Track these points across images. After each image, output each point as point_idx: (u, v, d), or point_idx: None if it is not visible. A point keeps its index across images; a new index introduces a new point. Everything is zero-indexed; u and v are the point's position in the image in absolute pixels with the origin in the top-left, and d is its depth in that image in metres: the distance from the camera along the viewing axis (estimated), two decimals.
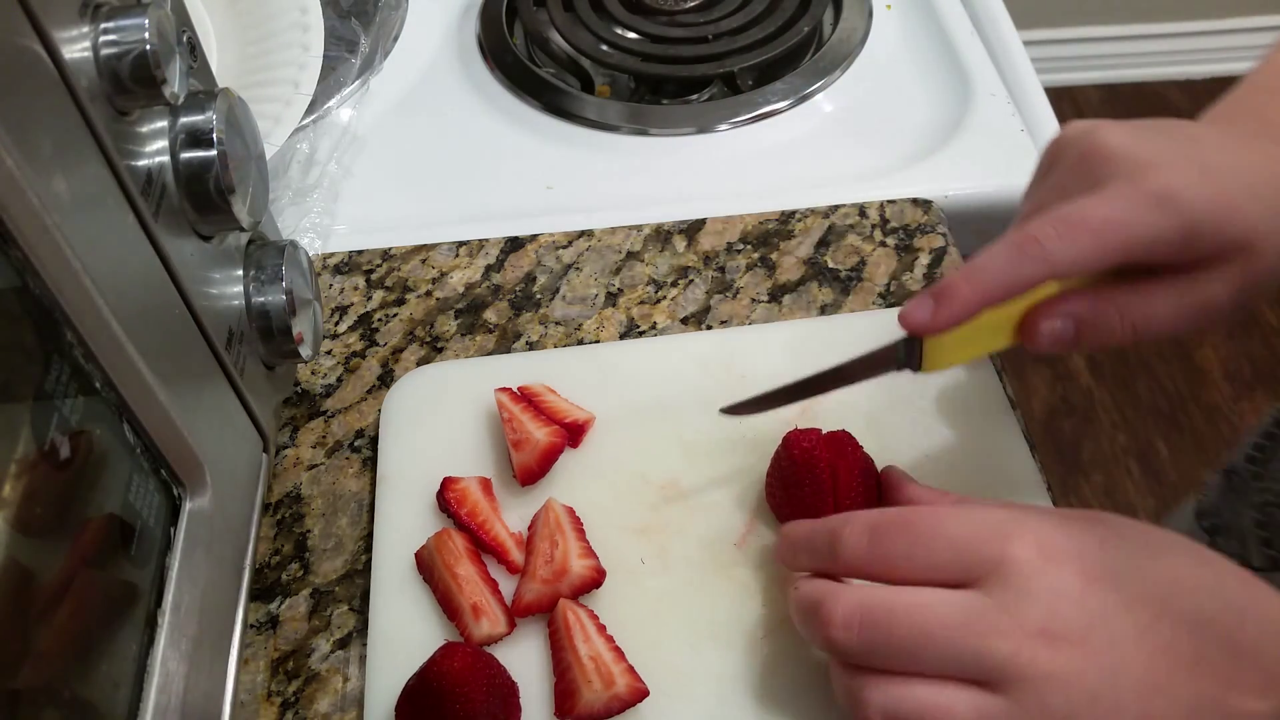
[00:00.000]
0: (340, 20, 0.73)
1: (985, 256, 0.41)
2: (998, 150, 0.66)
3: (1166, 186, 0.39)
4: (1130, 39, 2.13)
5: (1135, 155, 0.40)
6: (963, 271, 0.41)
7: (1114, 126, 0.42)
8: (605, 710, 0.42)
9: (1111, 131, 0.42)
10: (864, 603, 0.37)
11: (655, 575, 0.47)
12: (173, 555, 0.38)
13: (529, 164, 0.68)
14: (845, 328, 0.55)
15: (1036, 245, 0.39)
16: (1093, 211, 0.39)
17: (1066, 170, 0.43)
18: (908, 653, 0.36)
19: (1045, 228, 0.40)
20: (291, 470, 0.53)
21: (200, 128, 0.39)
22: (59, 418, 0.32)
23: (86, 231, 0.33)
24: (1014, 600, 0.36)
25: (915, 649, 0.36)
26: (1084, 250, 0.39)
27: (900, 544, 0.38)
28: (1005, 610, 0.36)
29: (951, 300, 0.40)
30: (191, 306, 0.40)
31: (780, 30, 0.74)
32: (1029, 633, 0.35)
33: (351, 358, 0.58)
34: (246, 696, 0.46)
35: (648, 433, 0.51)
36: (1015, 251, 0.40)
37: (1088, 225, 0.39)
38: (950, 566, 0.37)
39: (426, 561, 0.47)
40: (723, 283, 0.60)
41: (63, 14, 0.33)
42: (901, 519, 0.39)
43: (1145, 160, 0.40)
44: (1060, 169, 0.43)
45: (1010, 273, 0.40)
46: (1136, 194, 0.39)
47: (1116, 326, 0.41)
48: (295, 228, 0.63)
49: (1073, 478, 1.63)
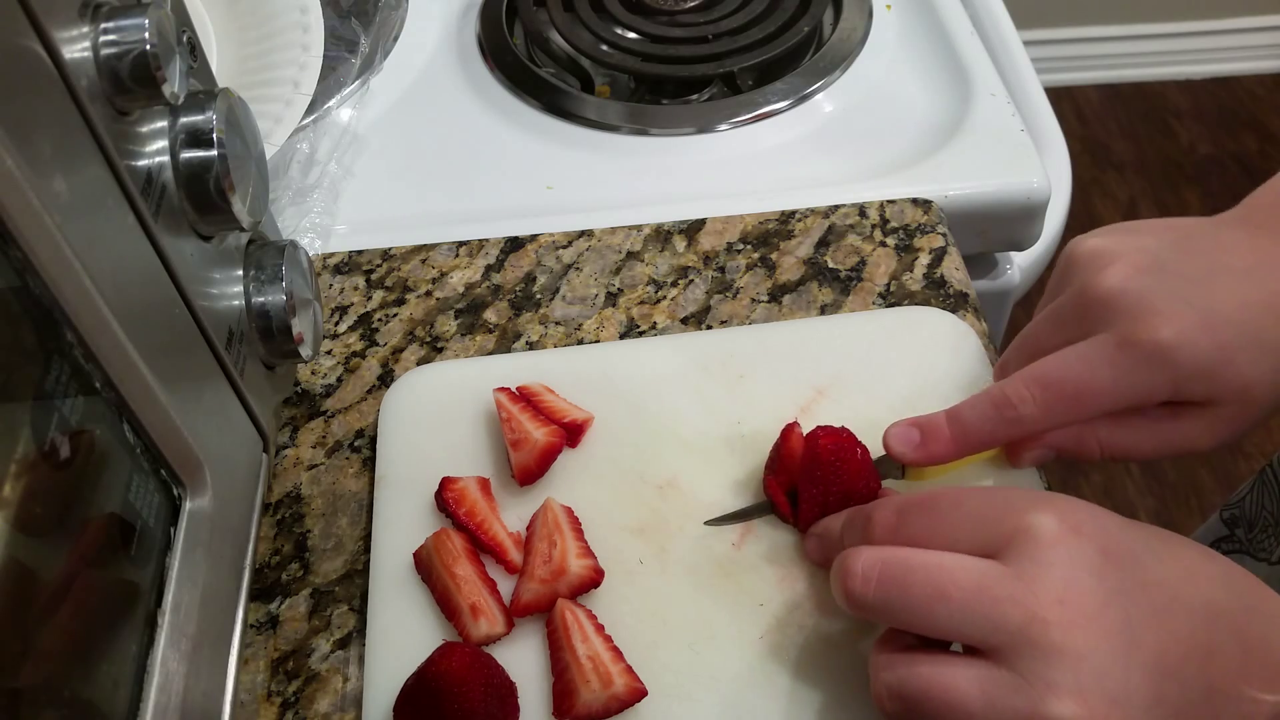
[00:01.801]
0: (340, 20, 0.73)
1: (967, 407, 0.44)
2: (998, 150, 0.66)
3: (1161, 342, 0.40)
4: (1130, 39, 2.13)
5: (1132, 302, 0.41)
6: (948, 418, 0.44)
7: (1116, 262, 0.42)
8: (604, 710, 0.42)
9: (1111, 272, 0.42)
10: (884, 558, 0.38)
11: (653, 575, 0.47)
12: (173, 555, 0.38)
13: (529, 164, 0.68)
14: (845, 328, 0.55)
15: (1012, 409, 0.42)
16: (1073, 375, 0.41)
17: (1064, 307, 0.44)
18: (922, 611, 0.37)
19: (1022, 390, 0.42)
20: (291, 470, 0.53)
21: (200, 128, 0.39)
22: (59, 418, 0.32)
23: (86, 231, 0.33)
24: (1031, 569, 0.36)
25: (929, 608, 0.36)
26: (1059, 415, 0.42)
27: (925, 519, 0.39)
28: (1022, 578, 0.36)
29: (932, 445, 0.44)
30: (191, 306, 0.40)
31: (780, 30, 0.74)
32: (1044, 602, 0.35)
33: (351, 358, 0.58)
34: (246, 696, 0.46)
35: (647, 433, 0.51)
36: (993, 411, 0.43)
37: (1064, 391, 0.42)
38: (972, 538, 0.38)
39: (425, 561, 0.47)
40: (723, 283, 0.60)
41: (63, 14, 0.33)
42: (928, 497, 0.40)
43: (1143, 308, 0.41)
44: (1060, 304, 0.44)
45: (987, 430, 0.44)
46: (1126, 351, 0.40)
47: (1095, 454, 0.44)
48: (295, 228, 0.63)
49: (1073, 478, 1.63)
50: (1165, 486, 1.61)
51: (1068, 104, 2.12)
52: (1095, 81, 2.16)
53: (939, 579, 0.37)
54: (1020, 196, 0.64)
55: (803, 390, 0.52)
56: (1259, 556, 0.65)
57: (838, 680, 0.43)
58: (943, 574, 0.37)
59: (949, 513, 0.39)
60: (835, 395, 0.52)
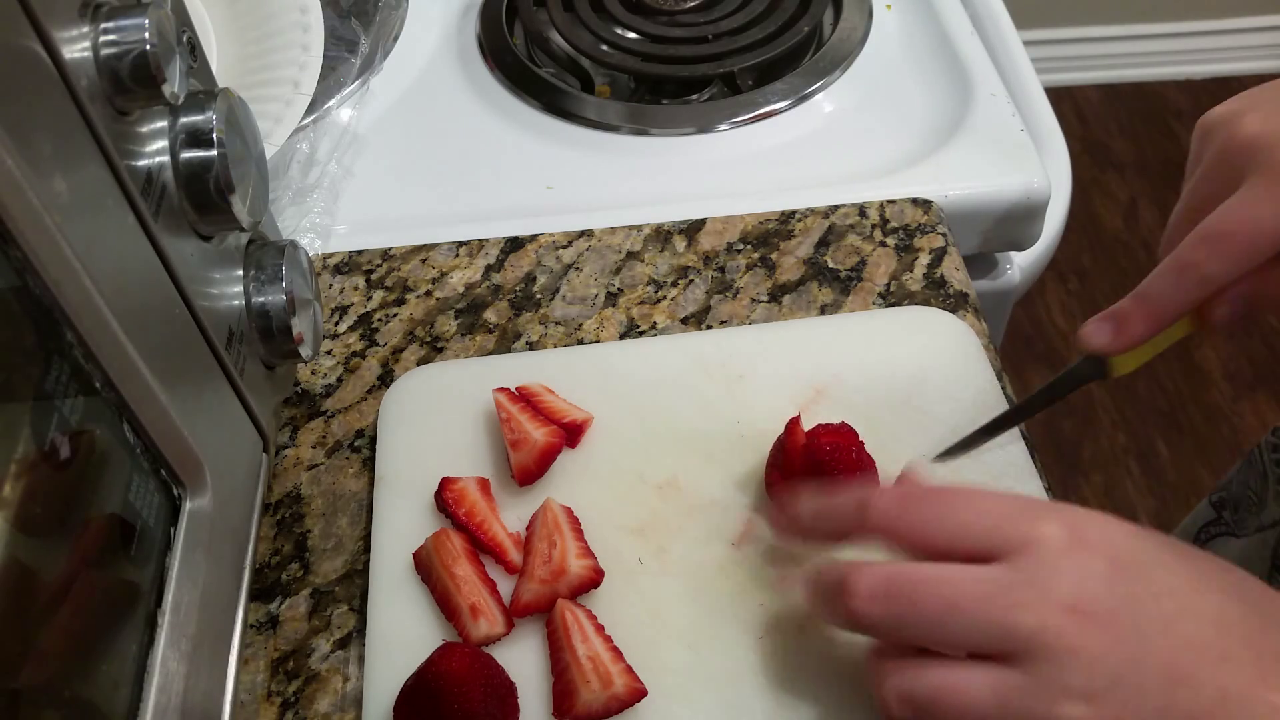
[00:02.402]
0: (340, 20, 0.73)
1: (1151, 283, 0.44)
2: (998, 150, 0.66)
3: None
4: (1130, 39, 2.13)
5: (1273, 142, 0.41)
6: (1134, 299, 0.44)
7: (1250, 112, 0.43)
8: (603, 710, 0.42)
9: (1248, 119, 0.43)
10: (890, 575, 0.37)
11: (653, 575, 0.47)
12: (173, 555, 0.38)
13: (529, 164, 0.68)
14: (845, 327, 0.55)
15: (1195, 269, 0.42)
16: (1238, 221, 0.41)
17: (1210, 166, 0.44)
18: (933, 625, 0.36)
19: (1199, 250, 0.42)
20: (291, 470, 0.53)
21: (200, 128, 0.39)
22: (59, 418, 0.32)
23: (86, 231, 0.33)
24: (1042, 575, 0.36)
25: (941, 621, 0.36)
26: (1238, 262, 0.42)
27: (933, 509, 0.39)
28: (1033, 585, 0.36)
29: (1128, 327, 0.44)
30: (191, 306, 0.40)
31: (780, 30, 0.74)
32: (1056, 608, 0.35)
33: (351, 358, 0.58)
34: (246, 696, 0.46)
35: (646, 433, 0.51)
36: (1176, 278, 0.43)
37: (1236, 239, 0.41)
38: (980, 537, 0.37)
39: (424, 562, 0.47)
40: (723, 283, 0.60)
41: (63, 14, 0.33)
42: (936, 490, 0.40)
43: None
44: (1206, 164, 0.45)
45: (1176, 298, 0.43)
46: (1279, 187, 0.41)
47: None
48: (295, 228, 0.63)
49: (1073, 478, 1.63)
50: (1165, 486, 1.61)
51: (1068, 104, 2.12)
52: (1095, 81, 2.16)
53: (948, 592, 0.36)
54: (1020, 196, 0.64)
55: (802, 390, 0.52)
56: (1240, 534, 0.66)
57: (838, 680, 0.43)
58: (951, 586, 0.36)
59: (960, 507, 0.38)
60: (835, 395, 0.52)
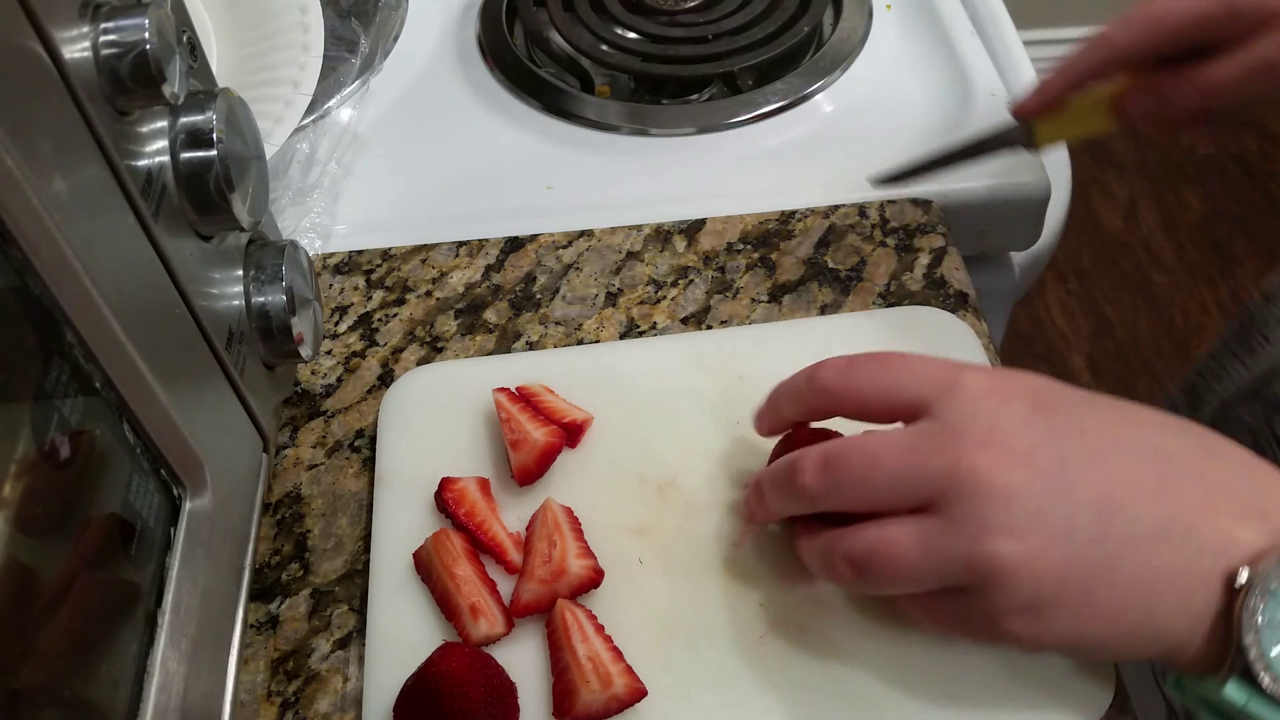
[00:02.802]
0: (340, 20, 0.73)
1: (1069, 52, 0.52)
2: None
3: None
4: None
5: None
6: (1055, 68, 0.52)
7: None
8: (603, 710, 0.42)
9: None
10: (826, 449, 0.40)
11: (654, 575, 0.47)
12: (173, 555, 0.38)
13: (529, 164, 0.68)
14: (845, 327, 0.55)
15: (1104, 39, 0.51)
16: (1146, 6, 0.49)
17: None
18: (861, 484, 0.38)
19: (1113, 25, 0.51)
20: (291, 470, 0.53)
21: (200, 128, 0.39)
22: (59, 418, 0.32)
23: (86, 231, 0.33)
24: (957, 418, 0.37)
25: (867, 478, 0.38)
26: (1139, 35, 0.49)
27: (868, 370, 0.41)
28: (947, 430, 0.37)
29: (1046, 88, 0.53)
30: (191, 306, 0.40)
31: (780, 30, 0.74)
32: (968, 447, 0.36)
33: (351, 358, 0.58)
34: (246, 696, 0.46)
35: (646, 433, 0.51)
36: (1089, 46, 0.51)
37: (1140, 16, 0.49)
38: (910, 392, 0.39)
39: (424, 562, 0.47)
40: (723, 283, 0.60)
41: (63, 14, 0.33)
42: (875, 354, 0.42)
43: None
44: None
45: (1086, 60, 0.51)
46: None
47: (1189, 93, 0.49)
48: (295, 228, 0.63)
49: None
50: None
51: None
52: None
53: (872, 449, 0.38)
54: (1020, 196, 0.64)
55: None
56: None
57: (838, 680, 0.43)
58: (875, 445, 0.38)
59: (895, 367, 0.40)
60: None
